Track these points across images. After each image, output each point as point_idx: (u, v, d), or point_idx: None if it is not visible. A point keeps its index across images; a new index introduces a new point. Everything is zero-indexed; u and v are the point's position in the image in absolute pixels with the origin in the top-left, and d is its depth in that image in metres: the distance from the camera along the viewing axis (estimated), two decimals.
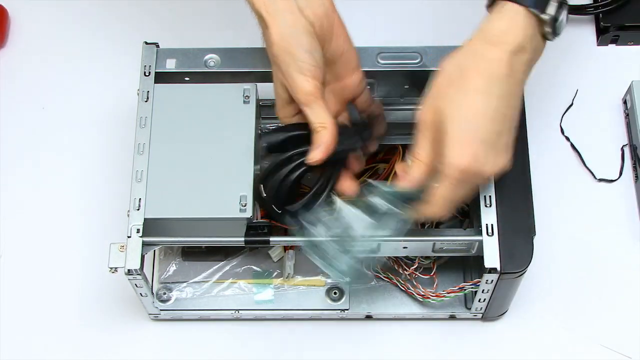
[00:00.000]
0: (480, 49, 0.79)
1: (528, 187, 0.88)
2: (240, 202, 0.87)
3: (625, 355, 0.96)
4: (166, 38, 0.98)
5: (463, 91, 0.78)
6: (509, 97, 0.79)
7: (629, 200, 1.03)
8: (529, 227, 0.87)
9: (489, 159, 0.78)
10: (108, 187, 1.04)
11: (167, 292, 0.96)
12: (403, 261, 0.95)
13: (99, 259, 0.92)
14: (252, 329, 0.98)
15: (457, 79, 0.79)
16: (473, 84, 0.78)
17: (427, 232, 0.93)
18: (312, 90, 0.82)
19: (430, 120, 0.80)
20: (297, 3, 0.82)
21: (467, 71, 0.78)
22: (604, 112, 1.08)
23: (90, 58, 1.12)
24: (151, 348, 0.97)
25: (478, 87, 0.78)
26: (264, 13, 0.82)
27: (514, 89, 0.79)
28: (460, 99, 0.78)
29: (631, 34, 1.10)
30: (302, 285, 0.96)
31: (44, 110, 1.10)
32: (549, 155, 1.05)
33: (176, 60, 0.93)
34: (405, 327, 0.97)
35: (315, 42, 0.83)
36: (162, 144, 0.89)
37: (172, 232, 0.88)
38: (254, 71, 0.93)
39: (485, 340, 0.97)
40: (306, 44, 0.82)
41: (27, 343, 0.98)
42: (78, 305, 0.99)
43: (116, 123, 1.07)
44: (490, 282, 0.87)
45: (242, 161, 0.89)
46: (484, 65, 0.78)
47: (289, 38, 0.82)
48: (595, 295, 0.99)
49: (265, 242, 0.87)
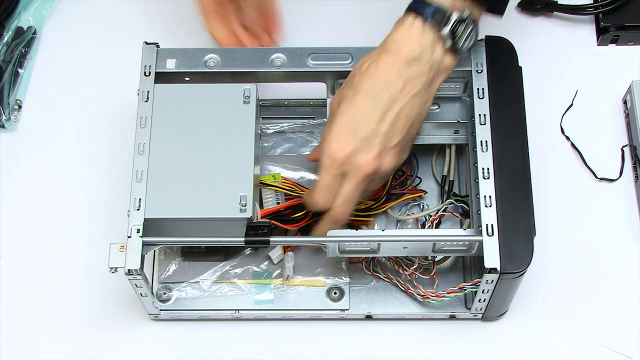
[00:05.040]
0: (377, 55, 0.85)
1: (528, 187, 0.88)
2: (240, 202, 0.87)
3: (625, 355, 0.96)
4: (166, 38, 0.98)
5: (354, 90, 0.85)
6: (396, 103, 0.84)
7: (629, 200, 1.03)
8: (529, 227, 0.87)
9: (362, 154, 0.84)
10: (108, 187, 1.04)
11: (167, 292, 0.96)
12: (403, 261, 0.95)
13: (99, 259, 0.92)
14: (252, 329, 0.98)
15: (357, 78, 0.85)
16: (363, 85, 0.84)
17: (428, 232, 0.93)
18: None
19: (334, 110, 0.87)
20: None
21: (364, 73, 0.85)
22: (604, 112, 1.08)
23: (90, 58, 1.12)
24: (151, 348, 0.97)
25: (366, 89, 0.84)
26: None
27: (404, 97, 0.84)
28: (350, 97, 0.85)
29: (631, 34, 1.10)
30: (302, 286, 0.96)
31: (44, 110, 1.10)
32: (549, 155, 1.05)
33: (176, 60, 0.93)
34: (405, 327, 0.97)
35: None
36: (162, 144, 0.89)
37: (172, 232, 0.88)
38: (254, 71, 0.93)
39: (485, 340, 0.97)
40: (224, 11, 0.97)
41: (27, 343, 0.98)
42: (78, 305, 0.99)
43: (116, 123, 1.07)
44: (490, 282, 0.87)
45: (242, 161, 0.89)
46: (377, 70, 0.84)
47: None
48: (595, 295, 0.99)
49: (265, 242, 0.87)
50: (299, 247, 0.97)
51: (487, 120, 0.90)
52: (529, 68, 0.95)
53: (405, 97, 0.84)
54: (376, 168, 0.85)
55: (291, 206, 0.93)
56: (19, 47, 1.11)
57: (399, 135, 0.85)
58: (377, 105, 0.84)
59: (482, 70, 0.92)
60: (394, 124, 0.85)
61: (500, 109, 0.91)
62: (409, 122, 0.86)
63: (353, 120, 0.84)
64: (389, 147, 0.85)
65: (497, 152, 0.89)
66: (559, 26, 1.13)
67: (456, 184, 1.00)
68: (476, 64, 0.92)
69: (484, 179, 0.88)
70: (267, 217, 0.91)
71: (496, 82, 0.91)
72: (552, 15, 1.13)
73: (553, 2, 1.12)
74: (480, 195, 0.88)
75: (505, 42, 0.93)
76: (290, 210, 0.93)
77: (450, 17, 0.83)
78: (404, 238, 0.88)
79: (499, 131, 0.90)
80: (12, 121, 1.08)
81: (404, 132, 0.86)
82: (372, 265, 0.96)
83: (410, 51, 0.84)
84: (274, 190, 0.95)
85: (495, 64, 0.92)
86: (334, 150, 0.84)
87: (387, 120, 0.84)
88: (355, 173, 0.85)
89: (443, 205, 0.96)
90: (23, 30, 1.13)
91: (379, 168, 0.86)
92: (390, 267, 0.96)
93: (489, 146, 0.89)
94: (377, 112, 0.84)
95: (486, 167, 0.89)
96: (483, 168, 0.89)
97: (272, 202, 0.95)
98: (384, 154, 0.85)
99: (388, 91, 0.84)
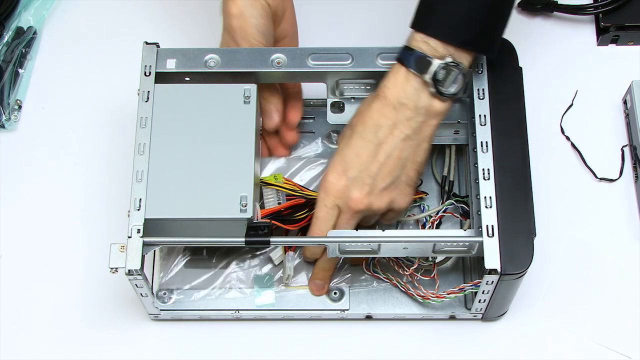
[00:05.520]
0: (371, 99, 0.88)
1: (528, 188, 0.88)
2: (241, 202, 0.87)
3: (625, 355, 0.96)
4: (166, 38, 0.98)
5: (351, 130, 0.89)
6: (384, 145, 0.87)
7: (629, 200, 1.03)
8: (529, 228, 0.87)
9: (353, 191, 0.87)
10: (108, 187, 1.04)
11: (168, 292, 0.96)
12: (403, 262, 0.95)
13: (99, 259, 0.92)
14: (252, 329, 0.98)
15: (354, 119, 0.89)
16: (357, 127, 0.88)
17: (428, 233, 0.93)
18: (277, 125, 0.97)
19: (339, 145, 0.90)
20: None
21: (358, 116, 0.89)
22: (604, 112, 1.08)
23: (91, 58, 1.12)
24: (151, 348, 0.97)
25: (359, 131, 0.88)
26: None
27: (392, 140, 0.87)
28: (347, 136, 0.89)
29: (631, 34, 1.10)
30: (303, 289, 0.96)
31: (44, 110, 1.10)
32: (549, 155, 1.05)
33: (176, 60, 0.93)
34: (405, 327, 0.97)
35: (268, 24, 0.94)
36: (163, 144, 0.89)
37: (173, 232, 0.88)
38: (254, 71, 0.93)
39: (485, 341, 0.97)
40: (260, 24, 0.93)
41: (27, 343, 0.98)
42: (78, 306, 0.99)
43: (116, 123, 1.07)
44: (491, 283, 0.87)
45: (242, 161, 0.89)
46: (368, 114, 0.88)
47: (247, 16, 0.92)
48: (595, 295, 0.99)
49: (266, 243, 0.87)
50: (299, 247, 0.97)
51: (487, 120, 0.90)
52: (529, 68, 0.95)
53: (394, 141, 0.87)
54: (366, 206, 0.88)
55: (292, 206, 0.93)
56: (19, 47, 1.11)
57: (389, 177, 0.88)
58: (368, 147, 0.87)
59: (482, 71, 0.92)
60: (383, 166, 0.88)
61: (501, 110, 0.91)
62: (399, 164, 0.88)
63: (346, 159, 0.88)
64: (378, 187, 0.88)
65: (497, 153, 0.89)
66: (559, 26, 1.13)
67: (456, 185, 1.00)
68: (476, 64, 0.92)
69: (484, 180, 0.88)
70: (267, 217, 0.91)
71: (496, 83, 0.91)
72: (552, 15, 1.13)
73: (553, 2, 1.12)
74: (480, 196, 0.88)
75: (505, 42, 0.93)
76: (291, 210, 0.93)
77: (431, 64, 0.85)
78: (404, 239, 0.88)
79: (499, 132, 0.90)
80: (12, 121, 1.08)
81: (393, 174, 0.88)
82: (372, 265, 0.96)
83: (397, 97, 0.86)
84: (275, 190, 0.95)
85: (495, 64, 0.92)
86: (328, 185, 0.89)
87: (377, 162, 0.87)
88: (346, 209, 0.89)
89: (443, 206, 0.96)
90: (23, 30, 1.13)
91: (370, 206, 0.88)
92: (390, 267, 0.96)
93: (489, 147, 0.89)
94: (367, 153, 0.87)
95: (486, 167, 0.89)
96: (483, 169, 0.89)
97: (273, 201, 0.95)
98: (374, 194, 0.88)
99: (377, 134, 0.87)
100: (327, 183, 0.89)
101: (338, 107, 0.96)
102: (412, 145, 0.88)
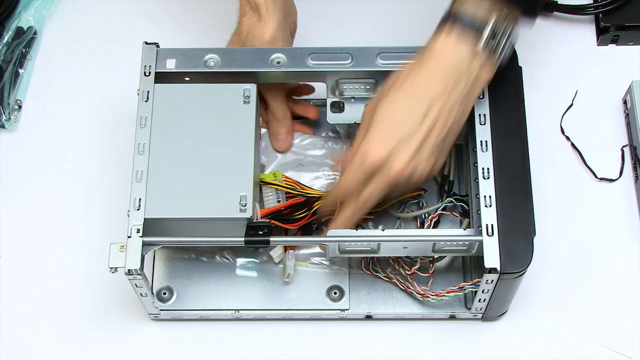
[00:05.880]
0: (418, 63, 0.87)
1: (528, 187, 0.88)
2: (240, 202, 0.87)
3: (625, 355, 0.96)
4: (166, 38, 0.98)
5: (395, 96, 0.86)
6: (433, 109, 0.85)
7: (629, 200, 1.03)
8: (529, 227, 0.87)
9: (398, 155, 0.85)
10: (108, 187, 1.04)
11: (167, 292, 0.96)
12: (403, 260, 0.95)
13: (99, 259, 0.92)
14: (252, 329, 0.98)
15: (396, 85, 0.87)
16: (404, 91, 0.86)
17: (428, 232, 0.93)
18: (284, 117, 0.99)
19: (369, 116, 0.88)
20: (285, 8, 0.96)
21: (404, 81, 0.87)
22: (604, 112, 1.08)
23: (90, 58, 1.12)
24: (151, 348, 0.97)
25: (406, 95, 0.86)
26: (263, 9, 0.94)
27: (441, 104, 0.86)
28: (390, 102, 0.86)
29: (631, 34, 1.10)
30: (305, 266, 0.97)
31: (44, 110, 1.10)
32: (549, 155, 1.05)
33: (176, 60, 0.93)
34: (405, 327, 0.97)
35: (291, 44, 0.98)
36: (162, 144, 0.89)
37: (172, 232, 0.88)
38: (254, 71, 0.93)
39: (485, 340, 0.97)
40: (287, 45, 0.96)
41: (27, 343, 0.98)
42: (78, 305, 0.99)
43: (116, 123, 1.07)
44: (490, 282, 0.87)
45: (242, 161, 0.89)
46: (417, 77, 0.86)
47: (279, 39, 0.95)
48: (595, 295, 0.99)
49: (266, 242, 0.87)
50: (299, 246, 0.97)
51: (487, 120, 0.90)
52: (529, 68, 0.95)
53: (443, 104, 0.86)
54: (410, 171, 0.86)
55: (291, 205, 0.93)
56: (19, 47, 1.11)
57: (434, 141, 0.86)
58: (416, 110, 0.85)
59: None
60: (431, 129, 0.86)
61: (500, 109, 0.91)
62: (445, 129, 0.87)
63: (392, 123, 0.86)
64: (425, 152, 0.86)
65: (497, 152, 0.89)
66: (559, 26, 1.13)
67: (456, 184, 1.00)
68: None
69: (484, 179, 0.88)
70: (267, 216, 0.91)
71: (496, 82, 0.91)
72: (552, 15, 1.13)
73: (553, 2, 1.12)
74: (480, 195, 0.88)
75: None
76: (291, 209, 0.93)
77: (484, 29, 0.85)
78: (404, 238, 0.88)
79: (499, 131, 0.90)
80: (12, 121, 1.08)
81: (439, 138, 0.87)
82: (371, 264, 0.96)
83: (448, 61, 0.86)
84: (274, 189, 0.95)
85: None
86: (372, 150, 0.86)
87: (425, 125, 0.86)
88: (385, 174, 0.86)
89: (442, 204, 0.97)
90: (23, 30, 1.13)
91: (414, 171, 0.86)
92: (390, 266, 0.96)
93: (489, 146, 0.89)
94: (415, 116, 0.85)
95: (486, 167, 0.89)
96: (483, 168, 0.89)
97: (272, 200, 0.95)
98: (418, 158, 0.86)
99: (427, 97, 0.85)
100: (369, 146, 0.86)
101: (338, 107, 0.97)
102: (460, 111, 0.87)
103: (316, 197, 0.94)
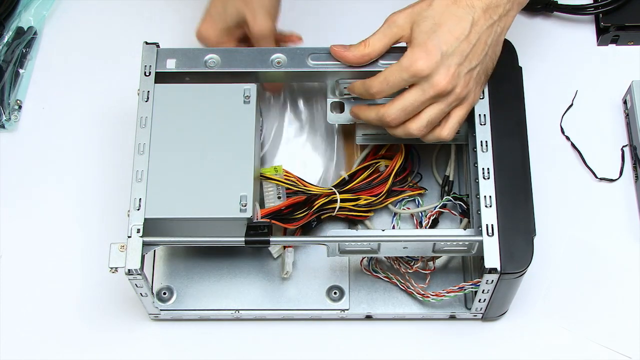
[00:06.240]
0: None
1: (528, 187, 0.88)
2: (240, 202, 0.87)
3: (625, 355, 0.96)
4: (166, 38, 0.98)
5: (439, 12, 0.86)
6: (476, 26, 0.86)
7: (629, 200, 1.03)
8: (529, 227, 0.87)
9: (442, 69, 0.85)
10: (108, 187, 1.04)
11: (167, 292, 0.96)
12: (403, 260, 0.95)
13: (99, 259, 0.92)
14: (252, 329, 0.98)
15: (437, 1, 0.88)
16: (447, 8, 0.86)
17: (428, 233, 0.93)
18: (270, 29, 0.98)
19: (401, 24, 0.88)
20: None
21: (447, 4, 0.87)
22: (604, 112, 1.08)
23: (90, 58, 1.12)
24: (151, 348, 0.97)
25: (450, 11, 0.86)
26: None
27: (484, 22, 0.86)
28: (433, 16, 0.86)
29: (631, 34, 1.10)
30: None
31: (44, 110, 1.10)
32: (549, 155, 1.05)
33: (176, 60, 0.93)
34: (405, 327, 0.97)
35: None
36: (162, 144, 0.89)
37: (172, 232, 0.88)
38: (254, 71, 0.93)
39: (485, 340, 0.97)
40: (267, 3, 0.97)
41: (27, 343, 0.98)
42: (78, 305, 0.99)
43: (116, 123, 1.07)
44: (491, 282, 0.87)
45: (242, 161, 0.89)
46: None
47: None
48: (595, 295, 0.99)
49: (266, 242, 0.87)
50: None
51: (487, 120, 0.90)
52: (528, 68, 0.95)
53: (485, 23, 0.87)
54: (452, 87, 0.86)
55: (291, 205, 0.93)
56: (20, 47, 1.11)
57: (476, 60, 0.87)
58: (461, 25, 0.86)
59: None
60: (474, 47, 0.87)
61: (500, 109, 0.91)
62: (486, 49, 0.88)
63: (437, 36, 0.86)
64: (466, 68, 0.87)
65: (497, 152, 0.89)
66: (559, 26, 1.13)
67: (456, 184, 1.00)
68: None
69: (484, 179, 0.88)
70: (267, 216, 0.91)
71: (496, 82, 0.92)
72: (552, 15, 1.13)
73: (553, 2, 1.12)
74: (480, 196, 0.88)
75: (505, 42, 0.93)
76: (291, 209, 0.93)
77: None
78: (404, 238, 0.88)
79: (499, 131, 0.90)
80: (12, 121, 1.08)
81: (480, 57, 0.87)
82: (371, 264, 0.96)
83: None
84: (275, 184, 0.95)
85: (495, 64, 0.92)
86: (415, 57, 0.86)
87: (469, 41, 0.86)
88: (426, 87, 0.86)
89: (440, 202, 0.97)
90: (23, 30, 1.13)
91: (454, 88, 0.86)
92: (390, 266, 0.96)
93: (489, 146, 0.89)
94: (460, 31, 0.86)
95: (486, 167, 0.89)
96: (483, 168, 0.89)
97: (273, 195, 0.94)
98: (461, 75, 0.87)
99: (470, 15, 0.86)
100: (415, 55, 0.86)
101: (338, 107, 0.97)
102: (498, 32, 0.88)
103: (317, 195, 0.94)
